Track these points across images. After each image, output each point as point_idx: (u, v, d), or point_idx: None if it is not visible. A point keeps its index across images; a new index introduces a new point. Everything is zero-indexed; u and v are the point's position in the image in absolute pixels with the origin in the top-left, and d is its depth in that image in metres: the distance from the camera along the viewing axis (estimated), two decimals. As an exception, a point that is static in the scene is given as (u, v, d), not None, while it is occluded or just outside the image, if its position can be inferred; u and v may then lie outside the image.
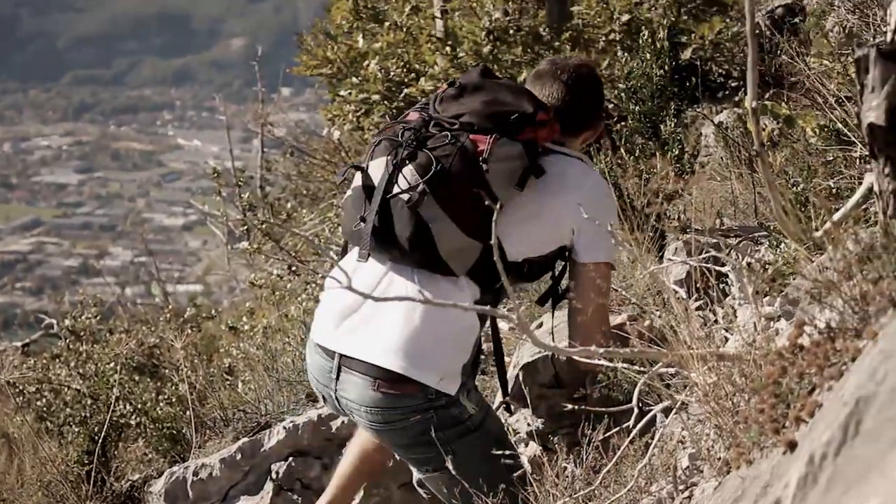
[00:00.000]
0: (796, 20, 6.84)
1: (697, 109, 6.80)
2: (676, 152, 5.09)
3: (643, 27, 7.69)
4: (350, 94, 9.26)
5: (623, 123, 5.74)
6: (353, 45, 9.59)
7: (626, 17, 7.84)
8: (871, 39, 4.62)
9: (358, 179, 3.58)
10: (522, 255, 3.59)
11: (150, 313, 10.37)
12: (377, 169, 3.54)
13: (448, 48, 8.65)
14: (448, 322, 3.48)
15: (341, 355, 3.56)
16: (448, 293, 3.44)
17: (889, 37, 2.68)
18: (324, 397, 3.79)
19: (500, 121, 3.46)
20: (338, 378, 3.57)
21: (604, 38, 8.00)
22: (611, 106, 6.25)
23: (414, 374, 3.44)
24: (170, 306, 9.90)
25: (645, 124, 5.30)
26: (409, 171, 3.46)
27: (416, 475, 3.81)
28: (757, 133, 2.65)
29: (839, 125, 4.44)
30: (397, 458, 4.16)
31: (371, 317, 3.54)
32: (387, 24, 9.32)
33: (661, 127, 5.26)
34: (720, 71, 7.27)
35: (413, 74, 8.77)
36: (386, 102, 8.84)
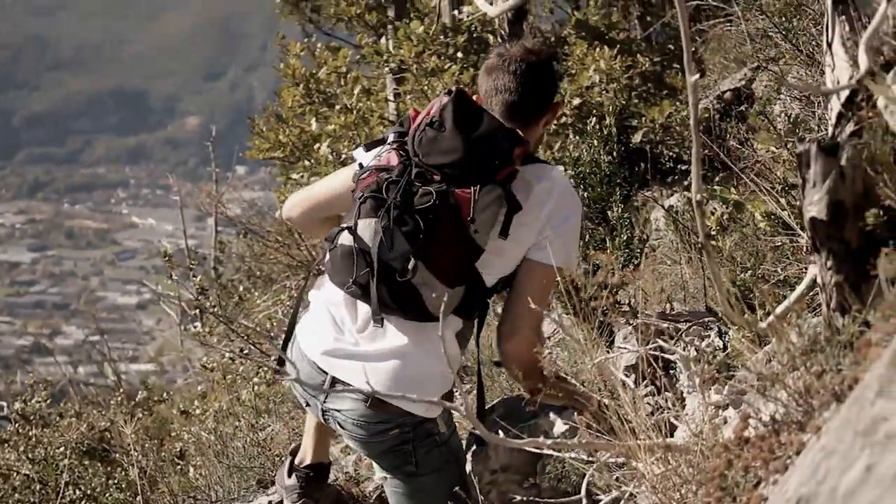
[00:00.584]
0: (743, 108, 6.93)
1: (647, 193, 6.86)
2: (625, 238, 5.13)
3: (593, 111, 7.77)
4: (302, 176, 9.27)
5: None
6: (304, 127, 9.62)
7: (577, 101, 7.91)
8: (817, 128, 4.69)
9: (347, 240, 3.64)
10: (497, 277, 3.73)
11: (101, 395, 10.25)
12: (366, 230, 3.60)
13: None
14: (434, 361, 3.62)
15: (334, 378, 3.72)
16: (434, 333, 3.53)
17: (830, 131, 2.72)
18: (306, 402, 3.96)
19: (482, 170, 3.50)
20: (328, 392, 3.70)
21: (555, 122, 8.07)
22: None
23: (404, 405, 3.62)
24: (122, 388, 9.79)
25: (594, 210, 5.34)
26: (398, 238, 3.53)
27: (379, 475, 3.96)
28: (702, 225, 2.67)
29: (786, 212, 4.49)
30: None
31: (366, 349, 3.71)
32: (337, 107, 9.36)
33: (610, 213, 5.29)
34: (670, 154, 7.33)
35: (365, 155, 8.79)
36: (338, 185, 8.84)
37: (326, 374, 3.74)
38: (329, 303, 3.85)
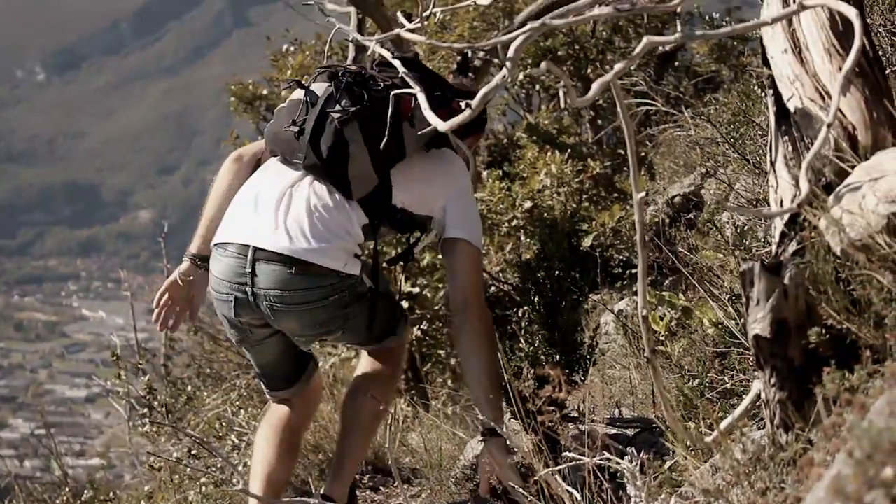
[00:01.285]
0: (691, 216, 7.00)
1: (597, 298, 6.89)
2: (575, 344, 5.15)
3: (545, 214, 7.82)
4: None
5: (522, 313, 5.80)
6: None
7: (528, 204, 7.96)
8: (764, 238, 4.74)
9: (298, 94, 4.26)
10: (402, 203, 4.26)
11: (47, 492, 10.08)
12: (319, 88, 4.22)
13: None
14: (342, 222, 4.12)
15: (256, 248, 4.04)
16: (340, 208, 4.14)
17: (773, 250, 2.76)
18: (234, 300, 4.14)
19: (426, 91, 3.65)
20: (253, 272, 4.03)
21: (507, 224, 8.11)
22: (511, 290, 6.31)
23: (323, 262, 4.02)
24: (68, 485, 9.63)
25: (544, 315, 5.36)
26: (344, 100, 4.13)
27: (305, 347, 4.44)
28: (648, 341, 2.69)
29: (734, 321, 4.52)
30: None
31: (278, 219, 4.09)
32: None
33: (560, 318, 5.32)
34: (620, 258, 7.38)
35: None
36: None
37: (246, 255, 4.06)
38: (246, 191, 4.31)
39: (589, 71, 11.60)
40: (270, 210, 4.12)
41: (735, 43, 10.36)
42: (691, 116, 8.30)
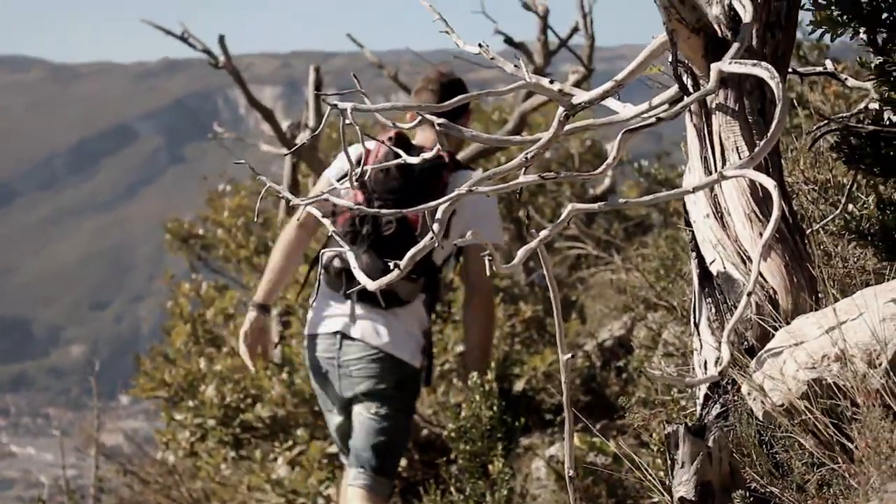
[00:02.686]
0: (621, 363, 7.06)
1: (528, 443, 6.88)
2: (505, 493, 5.14)
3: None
4: (186, 418, 9.14)
5: (452, 463, 5.82)
6: (190, 368, 9.54)
7: (460, 348, 7.99)
8: (688, 390, 4.78)
9: (338, 263, 5.42)
10: (443, 258, 5.53)
11: None
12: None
13: (285, 374, 8.67)
14: (412, 325, 5.49)
15: (343, 334, 5.44)
16: (404, 311, 5.48)
17: (698, 412, 2.80)
18: (324, 373, 5.58)
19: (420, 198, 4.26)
20: (340, 347, 5.44)
21: (439, 367, 8.12)
22: (443, 433, 6.30)
23: (400, 354, 5.42)
24: None
25: (475, 464, 5.35)
26: (374, 258, 5.25)
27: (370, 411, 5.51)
28: (573, 500, 2.70)
29: (662, 472, 4.53)
30: None
31: (364, 320, 5.44)
32: (224, 349, 9.33)
33: (491, 467, 5.31)
34: (552, 402, 7.40)
35: (249, 400, 8.73)
36: (221, 428, 8.73)
37: (336, 336, 5.48)
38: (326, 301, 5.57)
39: (521, 212, 11.74)
40: (350, 316, 5.60)
41: (664, 189, 10.54)
42: (622, 259, 8.40)
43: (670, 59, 3.02)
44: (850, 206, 3.71)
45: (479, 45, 3.56)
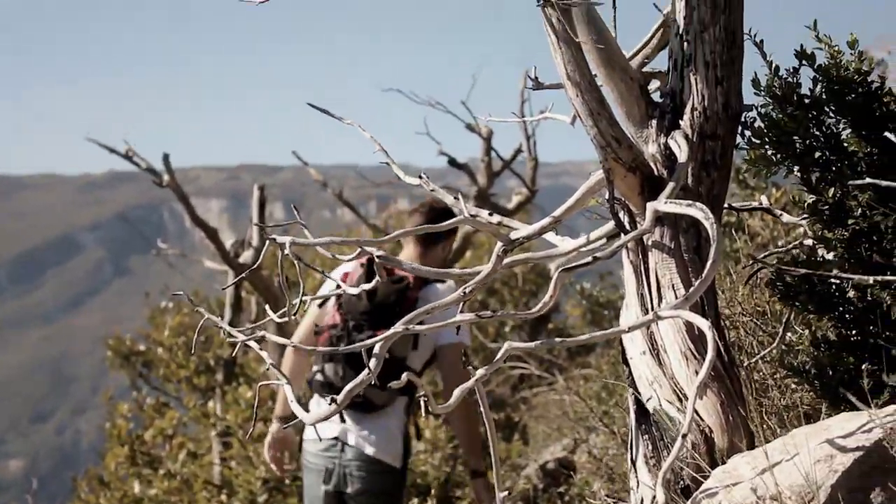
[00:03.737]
0: (562, 489, 7.03)
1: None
2: None
3: (417, 480, 7.77)
4: (121, 542, 8.98)
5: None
6: (127, 491, 9.40)
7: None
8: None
9: (320, 377, 5.91)
10: (419, 365, 5.96)
11: None
12: (330, 370, 5.88)
13: (224, 496, 8.56)
14: (393, 429, 5.95)
15: (342, 441, 5.92)
16: (384, 414, 5.93)
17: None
18: (323, 470, 5.98)
19: (388, 318, 5.46)
20: (342, 450, 5.92)
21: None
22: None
23: (386, 459, 5.90)
24: None
25: None
26: (349, 372, 5.78)
27: None
28: None
29: None
30: None
31: (356, 426, 5.94)
32: (161, 471, 9.21)
33: None
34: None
35: (188, 523, 8.60)
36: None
37: (337, 442, 5.93)
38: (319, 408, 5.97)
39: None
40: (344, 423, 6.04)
41: (607, 312, 10.59)
42: (564, 379, 8.39)
43: (607, 197, 3.05)
44: (789, 335, 3.74)
45: (420, 177, 3.60)
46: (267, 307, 3.62)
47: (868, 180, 2.91)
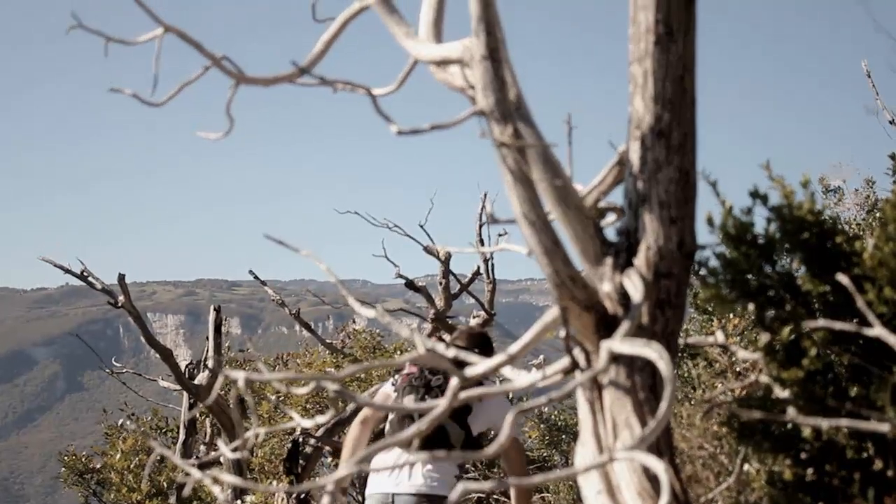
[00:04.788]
0: None
1: None
2: None
3: None
4: None
5: None
6: None
7: None
8: None
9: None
10: (478, 431, 6.67)
11: None
12: (410, 401, 6.53)
13: None
14: (448, 467, 6.53)
15: (394, 494, 6.48)
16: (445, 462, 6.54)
17: None
18: None
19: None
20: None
21: None
22: None
23: (441, 492, 6.43)
24: None
25: None
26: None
27: None
28: None
29: None
30: None
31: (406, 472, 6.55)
32: None
33: None
34: None
35: None
36: None
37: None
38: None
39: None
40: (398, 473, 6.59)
41: (564, 436, 10.56)
42: None
43: (562, 335, 3.05)
44: (746, 466, 3.73)
45: (374, 308, 3.60)
46: (220, 442, 3.57)
47: (822, 322, 2.92)
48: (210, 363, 10.62)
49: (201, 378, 10.65)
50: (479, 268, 11.11)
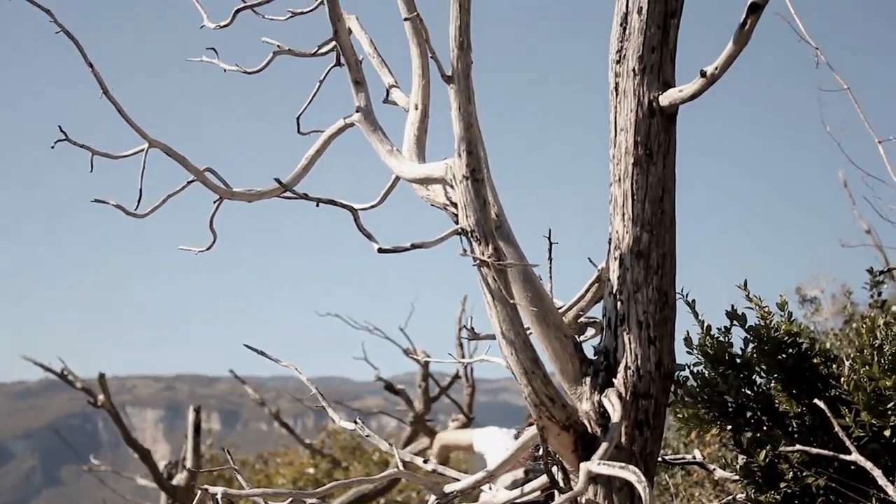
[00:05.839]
0: None
1: None
2: None
3: None
4: None
5: None
6: None
7: None
8: None
9: None
10: None
11: None
12: None
13: None
14: None
15: None
16: None
17: None
18: None
19: None
20: None
21: None
22: None
23: None
24: None
25: None
26: None
27: None
28: None
29: None
30: None
31: None
32: None
33: None
34: None
35: None
36: None
37: None
38: None
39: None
40: None
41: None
42: None
43: (541, 454, 3.05)
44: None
45: (355, 423, 3.60)
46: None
47: (798, 448, 2.93)
48: (189, 464, 10.54)
49: (179, 479, 10.56)
50: (457, 371, 11.12)
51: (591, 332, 3.58)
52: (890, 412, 3.09)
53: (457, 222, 3.18)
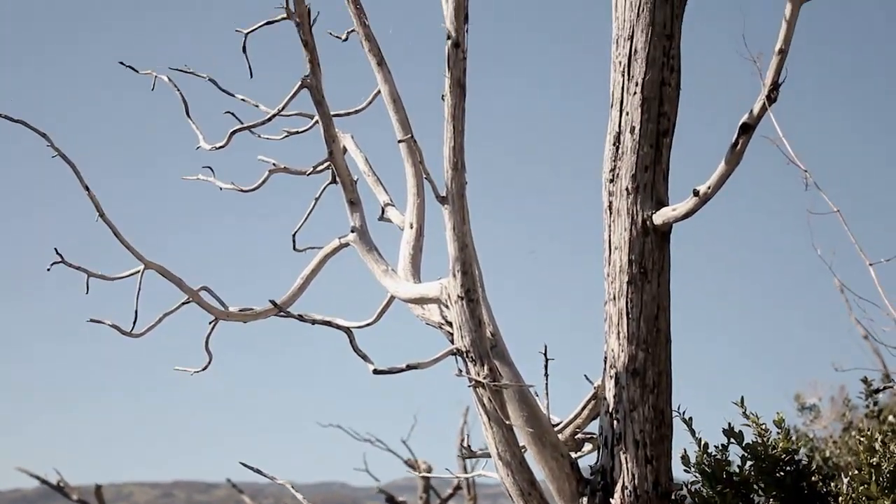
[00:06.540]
0: None
1: None
2: None
3: None
4: None
5: None
6: None
7: None
8: None
9: None
10: None
11: None
12: None
13: None
14: None
15: None
16: None
17: None
18: None
19: None
20: None
21: None
22: None
23: None
24: None
25: None
26: None
27: None
28: None
29: None
30: None
31: None
32: None
33: None
34: None
35: None
36: None
37: None
38: None
39: None
40: None
41: None
42: None
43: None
44: None
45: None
46: None
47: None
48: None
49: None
50: (458, 482, 11.04)
51: (588, 447, 3.56)
52: (890, 530, 3.06)
53: (452, 342, 3.19)
